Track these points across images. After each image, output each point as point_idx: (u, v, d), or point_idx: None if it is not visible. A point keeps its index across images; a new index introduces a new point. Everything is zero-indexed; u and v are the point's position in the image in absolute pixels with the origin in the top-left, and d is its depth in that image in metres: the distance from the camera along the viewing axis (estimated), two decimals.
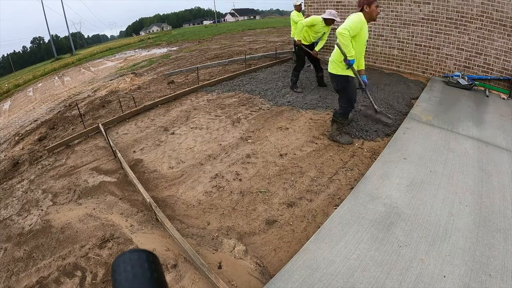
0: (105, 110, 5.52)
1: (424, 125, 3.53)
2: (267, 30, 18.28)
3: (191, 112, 4.62)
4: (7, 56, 65.71)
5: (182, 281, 1.81)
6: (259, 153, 3.21)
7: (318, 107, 4.34)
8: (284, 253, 1.94)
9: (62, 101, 7.43)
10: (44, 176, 3.35)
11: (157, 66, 9.81)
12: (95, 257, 2.07)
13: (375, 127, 3.60)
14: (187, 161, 3.22)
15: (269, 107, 4.51)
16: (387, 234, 1.90)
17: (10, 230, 2.53)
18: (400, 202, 2.19)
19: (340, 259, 1.74)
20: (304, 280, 1.63)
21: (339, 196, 2.44)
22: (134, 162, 3.33)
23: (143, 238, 2.20)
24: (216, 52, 11.16)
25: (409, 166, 2.66)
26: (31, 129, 5.56)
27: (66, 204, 2.76)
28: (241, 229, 2.18)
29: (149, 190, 2.72)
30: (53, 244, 2.27)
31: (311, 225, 2.16)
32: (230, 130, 3.85)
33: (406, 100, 4.56)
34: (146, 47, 17.15)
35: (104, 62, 14.48)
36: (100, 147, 3.86)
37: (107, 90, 7.38)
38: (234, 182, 2.76)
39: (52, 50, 39.82)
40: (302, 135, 3.54)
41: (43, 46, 70.79)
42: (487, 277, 1.56)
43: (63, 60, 23.29)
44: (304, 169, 2.86)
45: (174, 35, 26.16)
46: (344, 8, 6.71)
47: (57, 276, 1.96)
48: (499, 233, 1.85)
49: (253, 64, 7.66)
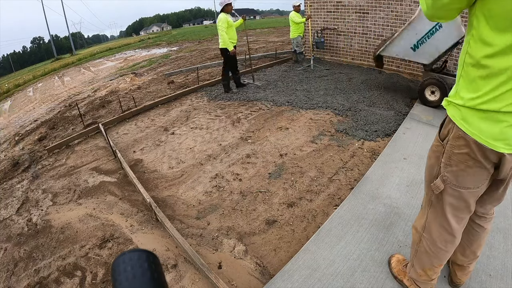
0: (105, 110, 5.53)
1: (424, 125, 3.53)
2: (267, 30, 18.29)
3: (191, 112, 4.63)
4: (7, 56, 65.78)
5: (182, 281, 1.81)
6: (259, 153, 3.21)
7: (318, 107, 4.34)
8: (284, 253, 1.94)
9: (62, 101, 7.43)
10: (44, 176, 3.35)
11: (157, 66, 9.81)
12: (95, 257, 2.07)
13: (375, 127, 3.60)
14: (187, 161, 3.22)
15: (269, 107, 4.52)
16: (387, 234, 1.90)
17: (10, 230, 2.53)
18: (400, 202, 2.19)
19: (340, 259, 1.74)
20: (304, 280, 1.63)
21: (339, 196, 2.44)
22: (134, 162, 3.33)
23: (143, 238, 2.20)
24: (216, 52, 11.16)
25: (409, 166, 2.66)
26: (31, 129, 5.56)
27: (66, 204, 2.76)
28: (241, 229, 2.18)
29: (149, 190, 2.72)
30: (53, 244, 2.27)
31: (311, 225, 2.16)
32: (230, 130, 3.85)
33: (406, 100, 4.56)
34: (146, 47, 17.16)
35: (104, 62, 14.49)
36: (100, 147, 3.86)
37: (107, 90, 7.38)
38: (234, 182, 2.76)
39: (52, 50, 39.88)
40: (302, 135, 3.54)
41: (43, 46, 70.87)
42: (487, 277, 1.56)
43: (63, 60, 23.31)
44: (304, 169, 2.86)
45: (174, 35, 26.17)
46: (344, 8, 6.71)
47: (57, 276, 1.96)
48: (499, 233, 1.85)
49: (253, 64, 7.66)
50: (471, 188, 1.06)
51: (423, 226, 1.27)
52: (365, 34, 6.60)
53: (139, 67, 10.11)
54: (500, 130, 0.89)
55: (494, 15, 0.81)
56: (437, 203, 1.18)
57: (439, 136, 1.11)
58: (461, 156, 1.01)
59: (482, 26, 0.84)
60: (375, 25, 6.33)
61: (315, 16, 7.31)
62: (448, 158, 1.06)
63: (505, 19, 0.78)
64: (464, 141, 0.98)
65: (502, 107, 0.86)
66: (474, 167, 1.00)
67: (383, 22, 6.17)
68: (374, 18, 6.30)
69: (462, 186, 1.07)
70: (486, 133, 0.91)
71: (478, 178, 1.04)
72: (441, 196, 1.14)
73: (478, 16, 0.85)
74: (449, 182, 1.09)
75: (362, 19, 6.47)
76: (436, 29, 3.96)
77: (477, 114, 0.93)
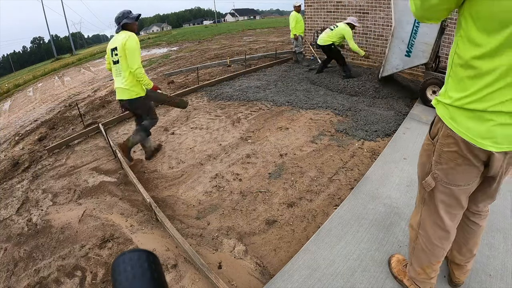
0: (105, 110, 5.53)
1: (424, 125, 3.53)
2: (267, 30, 18.30)
3: (191, 112, 4.63)
4: (7, 56, 65.80)
5: (182, 281, 1.81)
6: (259, 153, 3.21)
7: (318, 107, 4.34)
8: (284, 253, 1.94)
9: (62, 101, 7.43)
10: (44, 176, 3.35)
11: (157, 66, 9.81)
12: (95, 257, 2.07)
13: (375, 127, 3.61)
14: (187, 161, 3.22)
15: (269, 107, 4.52)
16: (387, 234, 1.90)
17: (10, 230, 2.53)
18: (400, 202, 2.19)
19: (340, 259, 1.74)
20: (304, 280, 1.63)
21: (339, 196, 2.44)
22: (134, 162, 3.33)
23: (143, 238, 2.20)
24: (216, 52, 11.17)
25: (409, 166, 2.66)
26: (31, 129, 5.56)
27: (66, 204, 2.76)
28: (241, 229, 2.18)
29: (149, 190, 2.72)
30: (53, 244, 2.27)
31: (311, 225, 2.16)
32: (230, 130, 3.85)
33: (406, 100, 4.56)
34: (146, 47, 17.15)
35: (104, 62, 14.48)
36: (100, 147, 3.86)
37: (107, 90, 7.38)
38: (234, 182, 2.76)
39: (52, 50, 39.88)
40: (302, 135, 3.54)
41: (43, 46, 70.90)
42: (487, 277, 1.56)
43: (63, 60, 23.31)
44: (304, 169, 2.86)
45: (174, 35, 26.17)
46: (344, 8, 6.71)
47: (57, 276, 1.96)
48: (499, 233, 1.85)
49: (253, 64, 7.66)
50: (462, 185, 1.08)
51: (418, 223, 1.29)
52: (365, 34, 6.60)
53: None
54: (487, 129, 0.91)
55: (481, 17, 0.82)
56: (429, 201, 1.20)
57: (430, 135, 1.13)
58: (450, 154, 1.03)
59: (470, 27, 0.86)
60: (375, 25, 6.33)
61: (315, 16, 7.31)
62: (438, 156, 1.08)
63: (492, 21, 0.79)
64: (452, 139, 1.00)
65: (489, 107, 0.88)
66: (463, 164, 1.02)
67: (383, 22, 6.17)
68: (374, 18, 6.31)
69: (453, 183, 1.08)
70: (474, 131, 0.93)
71: (468, 176, 1.05)
72: (433, 194, 1.16)
73: (466, 17, 0.87)
74: (439, 179, 1.11)
75: (362, 19, 6.48)
76: (417, 26, 4.02)
77: (464, 113, 0.94)
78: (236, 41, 14.05)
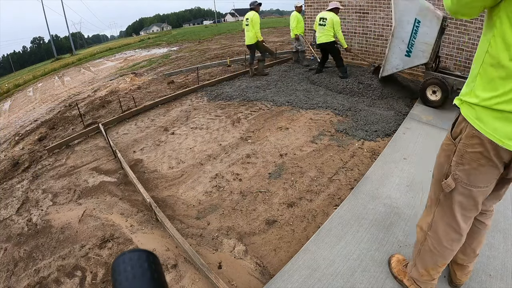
0: (105, 110, 5.52)
1: (424, 125, 3.53)
2: (267, 30, 18.27)
3: (191, 112, 4.63)
4: (7, 56, 65.78)
5: (182, 281, 1.81)
6: (259, 153, 3.21)
7: (318, 107, 4.34)
8: (284, 253, 1.94)
9: (62, 101, 7.43)
10: (44, 176, 3.35)
11: (157, 66, 9.81)
12: (95, 257, 2.07)
13: (375, 127, 3.60)
14: (187, 161, 3.22)
15: (269, 107, 4.52)
16: (387, 234, 1.90)
17: (10, 230, 2.53)
18: (400, 202, 2.19)
19: (340, 259, 1.74)
20: (304, 280, 1.63)
21: (339, 196, 2.44)
22: (134, 162, 3.33)
23: (143, 238, 2.20)
24: (216, 52, 11.16)
25: (409, 166, 2.66)
26: (31, 129, 5.56)
27: (66, 204, 2.76)
28: (241, 229, 2.18)
29: (149, 190, 2.72)
30: (53, 244, 2.27)
31: (311, 225, 2.16)
32: (230, 130, 3.85)
33: (406, 100, 4.56)
34: (146, 47, 17.16)
35: (104, 62, 14.49)
36: (100, 147, 3.86)
37: (107, 90, 7.38)
38: (234, 182, 2.76)
39: (52, 50, 39.87)
40: (302, 135, 3.54)
41: (43, 46, 70.89)
42: (487, 277, 1.56)
43: (63, 60, 23.30)
44: (304, 169, 2.86)
45: (174, 35, 26.17)
46: (344, 8, 6.70)
47: (57, 276, 1.96)
48: (499, 233, 1.85)
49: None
50: (482, 186, 1.07)
51: (429, 224, 1.27)
52: (365, 34, 6.60)
53: (139, 67, 10.11)
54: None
55: None
56: (445, 202, 1.18)
57: (451, 135, 1.11)
58: (474, 154, 1.02)
59: (506, 27, 0.85)
60: (375, 25, 6.33)
61: (315, 16, 7.30)
62: (461, 157, 1.07)
63: None
64: (478, 139, 0.99)
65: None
66: (487, 165, 1.02)
67: (383, 22, 6.17)
68: (374, 18, 6.30)
69: (473, 184, 1.08)
70: (501, 132, 0.93)
71: (489, 177, 1.05)
72: (451, 195, 1.15)
73: (501, 17, 0.86)
74: (460, 180, 1.10)
75: (362, 19, 6.48)
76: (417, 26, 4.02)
77: (492, 113, 0.94)
78: (236, 41, 14.04)
